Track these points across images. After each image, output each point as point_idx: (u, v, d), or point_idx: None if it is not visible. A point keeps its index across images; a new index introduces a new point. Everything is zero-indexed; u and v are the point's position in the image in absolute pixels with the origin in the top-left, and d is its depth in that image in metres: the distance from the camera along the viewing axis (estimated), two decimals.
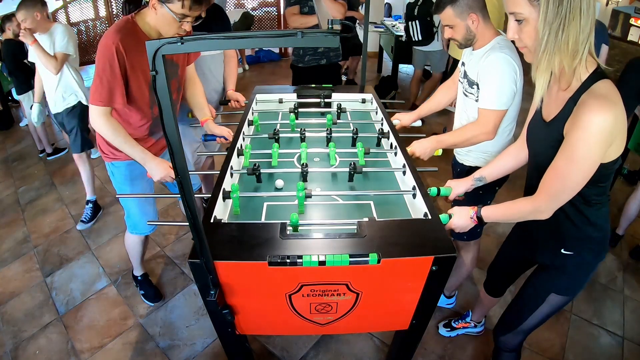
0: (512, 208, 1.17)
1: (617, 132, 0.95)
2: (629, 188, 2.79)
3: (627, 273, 2.42)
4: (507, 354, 1.49)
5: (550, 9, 0.92)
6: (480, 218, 1.24)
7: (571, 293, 1.28)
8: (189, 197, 0.91)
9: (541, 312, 1.32)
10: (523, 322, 1.37)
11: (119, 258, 2.56)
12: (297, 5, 2.61)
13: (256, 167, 1.45)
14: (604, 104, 0.92)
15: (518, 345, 1.46)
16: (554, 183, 1.04)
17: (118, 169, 1.78)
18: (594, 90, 0.96)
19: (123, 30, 1.47)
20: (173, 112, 0.80)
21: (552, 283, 1.28)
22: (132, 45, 1.47)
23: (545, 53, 0.97)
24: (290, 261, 1.03)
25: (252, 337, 1.98)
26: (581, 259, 1.21)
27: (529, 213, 1.12)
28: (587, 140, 0.94)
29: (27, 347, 2.03)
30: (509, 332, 1.43)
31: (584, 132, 0.94)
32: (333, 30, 0.74)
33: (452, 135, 1.67)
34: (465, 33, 1.54)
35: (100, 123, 1.54)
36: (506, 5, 1.02)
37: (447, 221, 1.29)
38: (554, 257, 1.24)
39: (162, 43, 0.72)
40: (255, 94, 2.20)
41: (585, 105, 0.95)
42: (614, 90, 0.96)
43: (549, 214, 1.08)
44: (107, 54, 1.44)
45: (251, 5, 6.36)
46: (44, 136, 3.77)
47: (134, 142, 1.61)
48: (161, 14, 1.45)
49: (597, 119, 0.92)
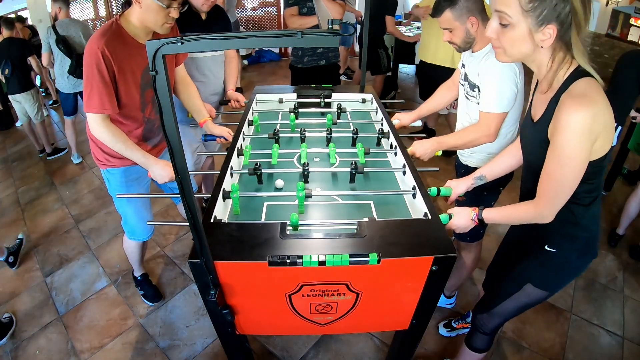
0: (514, 212, 1.17)
1: (599, 129, 0.95)
2: (629, 188, 2.79)
3: (627, 273, 2.42)
4: (480, 335, 1.50)
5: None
6: (481, 220, 1.24)
7: (548, 289, 1.29)
8: (189, 197, 0.91)
9: (517, 300, 1.33)
10: (498, 304, 1.38)
11: (119, 258, 2.55)
12: (296, 6, 2.60)
13: (257, 166, 1.45)
14: (581, 102, 0.93)
15: (493, 329, 1.47)
16: (549, 187, 1.04)
17: (113, 176, 1.77)
18: (573, 89, 0.97)
19: (107, 34, 1.45)
20: (173, 112, 0.79)
21: (530, 273, 1.29)
22: (118, 48, 1.46)
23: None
24: (290, 261, 1.03)
25: (252, 337, 1.98)
26: (564, 258, 1.22)
27: (531, 218, 1.12)
28: (570, 141, 0.95)
29: (27, 347, 2.03)
30: (485, 311, 1.44)
31: (565, 133, 0.95)
32: (333, 31, 0.75)
33: (453, 137, 1.67)
34: (464, 36, 1.53)
35: (99, 130, 1.53)
36: (494, 2, 0.98)
37: (447, 221, 1.29)
38: (538, 252, 1.25)
39: (162, 43, 0.72)
40: (255, 94, 2.20)
41: (563, 105, 0.96)
42: (593, 88, 0.96)
43: (551, 219, 1.09)
44: (93, 59, 1.42)
45: (251, 5, 6.35)
46: (44, 135, 3.77)
47: (134, 146, 1.60)
48: (146, 6, 1.44)
49: (574, 119, 0.93)
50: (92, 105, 1.48)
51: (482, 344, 1.52)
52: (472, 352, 1.55)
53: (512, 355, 1.93)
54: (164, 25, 1.50)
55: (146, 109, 1.68)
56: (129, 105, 1.59)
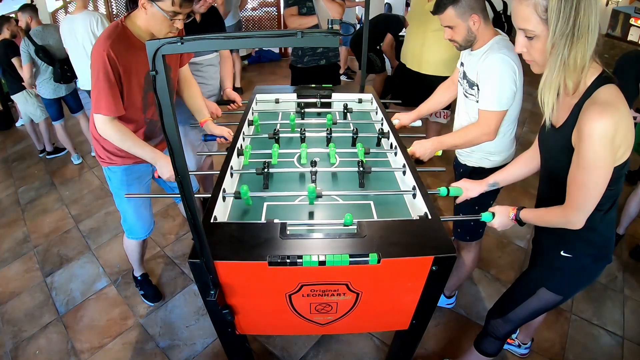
0: (546, 215, 1.17)
1: (622, 136, 0.96)
2: (629, 188, 2.79)
3: (627, 273, 2.42)
4: (491, 339, 1.50)
5: (559, 28, 0.93)
6: (519, 219, 1.25)
7: (563, 293, 1.29)
8: (189, 197, 0.91)
9: (531, 305, 1.33)
10: (512, 309, 1.38)
11: (119, 258, 2.55)
12: (296, 6, 2.61)
13: (265, 166, 1.45)
14: (605, 110, 0.94)
15: (505, 335, 1.47)
16: (577, 194, 1.05)
17: (115, 174, 1.78)
18: (596, 96, 0.98)
19: (113, 36, 1.45)
20: (173, 112, 0.80)
21: (545, 278, 1.29)
22: (123, 50, 1.46)
23: (553, 72, 0.98)
24: (290, 261, 1.03)
25: (252, 337, 1.98)
26: (579, 262, 1.22)
27: (562, 224, 1.12)
28: (594, 148, 0.96)
29: (27, 347, 2.03)
30: (499, 317, 1.44)
31: (589, 140, 0.96)
32: (333, 31, 0.75)
33: (453, 136, 1.67)
34: (465, 34, 1.53)
35: (107, 130, 1.54)
36: (515, 21, 1.02)
37: (490, 219, 1.31)
38: (553, 258, 1.25)
39: (162, 43, 0.72)
40: (255, 94, 2.20)
41: (587, 112, 0.96)
42: (616, 95, 0.97)
43: (581, 225, 1.09)
44: (99, 61, 1.43)
45: (251, 5, 6.35)
46: (46, 134, 3.77)
47: (142, 143, 1.61)
48: (151, 14, 1.44)
49: (598, 126, 0.93)
50: (100, 108, 1.49)
51: (492, 349, 1.51)
52: (480, 355, 1.53)
53: (512, 355, 1.93)
54: (167, 35, 1.51)
55: (148, 110, 1.68)
56: (130, 107, 1.60)
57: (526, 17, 0.98)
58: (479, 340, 1.54)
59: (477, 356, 1.55)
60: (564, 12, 0.91)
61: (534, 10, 0.96)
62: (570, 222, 1.09)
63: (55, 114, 3.50)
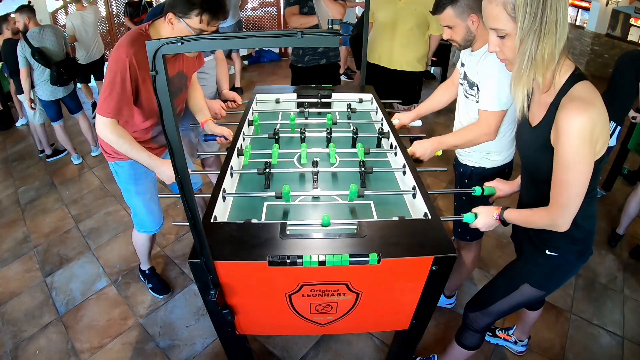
0: (532, 216, 1.17)
1: (599, 131, 0.97)
2: (629, 188, 2.79)
3: (627, 273, 2.42)
4: (471, 333, 1.50)
5: (526, 23, 0.94)
6: (503, 219, 1.25)
7: (546, 289, 1.30)
8: (189, 197, 0.91)
9: (513, 299, 1.34)
10: (493, 303, 1.39)
11: (119, 258, 2.56)
12: (297, 5, 2.61)
13: (267, 166, 1.45)
14: (581, 107, 0.95)
15: (484, 327, 1.47)
16: (560, 193, 1.05)
17: (122, 169, 1.79)
18: (572, 93, 0.98)
19: (137, 44, 1.46)
20: (173, 112, 0.80)
21: (529, 274, 1.30)
22: (146, 58, 1.46)
23: (522, 67, 0.99)
24: (290, 261, 1.03)
25: (252, 337, 1.98)
26: (564, 260, 1.23)
27: (547, 225, 1.12)
28: (573, 145, 0.96)
29: (27, 347, 2.03)
30: (478, 310, 1.45)
31: (568, 137, 0.96)
32: (333, 30, 0.75)
33: (453, 136, 1.67)
34: (465, 34, 1.53)
35: (106, 132, 1.55)
36: (486, 21, 1.04)
37: (472, 220, 1.30)
38: (538, 256, 1.26)
39: (162, 43, 0.72)
40: (255, 94, 2.20)
41: (564, 110, 0.97)
42: (591, 91, 0.98)
43: (567, 226, 1.08)
44: (119, 66, 1.44)
45: (251, 5, 6.35)
46: (44, 137, 3.76)
47: (140, 147, 1.61)
48: (178, 30, 1.46)
49: (576, 123, 0.94)
50: (106, 109, 1.50)
51: (473, 342, 1.52)
52: (462, 349, 1.55)
53: (512, 355, 1.93)
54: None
55: None
56: (148, 109, 1.62)
57: (496, 16, 0.99)
58: (460, 334, 1.55)
59: (459, 350, 1.56)
60: (531, 8, 0.92)
61: (503, 8, 0.97)
62: (556, 224, 1.08)
63: (53, 115, 3.50)
